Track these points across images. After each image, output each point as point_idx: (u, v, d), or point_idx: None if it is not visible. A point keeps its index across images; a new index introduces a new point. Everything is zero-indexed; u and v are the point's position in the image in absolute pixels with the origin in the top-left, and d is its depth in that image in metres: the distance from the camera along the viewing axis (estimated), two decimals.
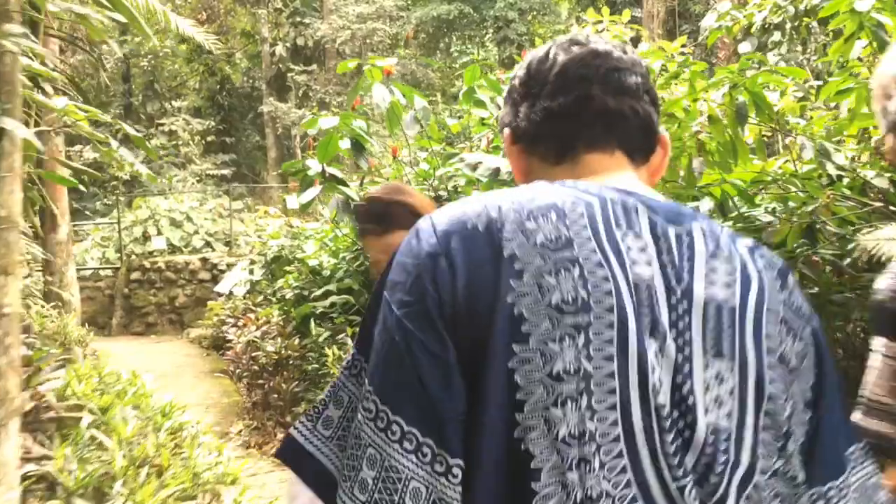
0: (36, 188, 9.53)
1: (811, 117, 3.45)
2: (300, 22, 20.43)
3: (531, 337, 0.72)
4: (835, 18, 2.85)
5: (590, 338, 0.72)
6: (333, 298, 5.64)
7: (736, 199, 2.97)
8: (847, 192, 2.84)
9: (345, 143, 5.29)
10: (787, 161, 3.32)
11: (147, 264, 12.65)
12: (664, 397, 0.73)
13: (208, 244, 14.47)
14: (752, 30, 7.53)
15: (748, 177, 3.11)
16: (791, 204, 2.88)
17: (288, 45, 20.34)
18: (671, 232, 0.81)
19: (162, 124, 20.97)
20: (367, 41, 19.33)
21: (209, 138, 21.34)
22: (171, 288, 12.54)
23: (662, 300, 0.77)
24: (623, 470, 0.70)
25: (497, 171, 4.92)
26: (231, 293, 10.02)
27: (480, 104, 6.76)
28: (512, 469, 0.70)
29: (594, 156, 0.89)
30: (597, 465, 0.70)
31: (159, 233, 14.58)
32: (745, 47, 7.62)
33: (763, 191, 3.15)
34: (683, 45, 7.88)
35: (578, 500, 0.69)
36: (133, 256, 13.20)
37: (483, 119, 7.26)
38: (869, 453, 0.86)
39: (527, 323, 0.72)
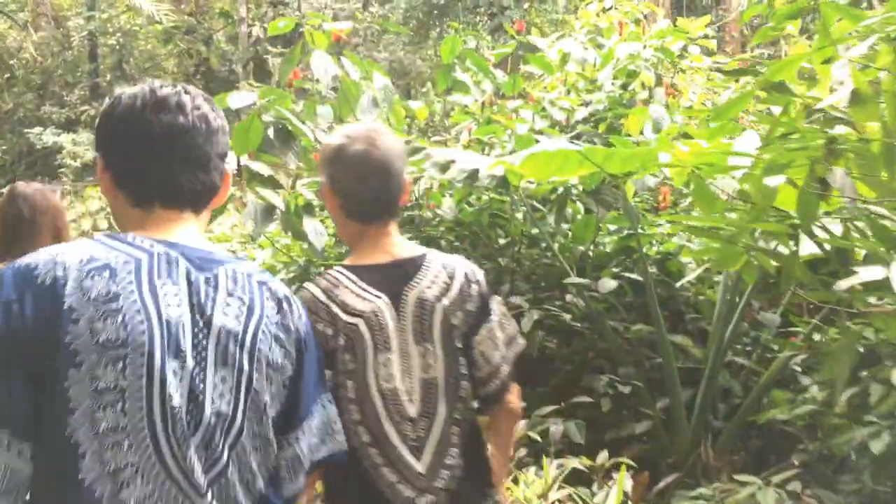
0: None
1: None
2: (280, 2, 19.02)
3: (83, 365, 1.05)
4: None
5: (126, 364, 1.07)
6: None
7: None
8: None
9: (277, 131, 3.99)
10: None
11: None
12: (179, 399, 1.10)
13: None
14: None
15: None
16: None
17: (266, 25, 18.93)
18: (201, 277, 1.17)
19: None
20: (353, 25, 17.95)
21: None
22: None
23: (188, 330, 1.13)
24: (146, 448, 1.07)
25: (475, 173, 3.64)
26: None
27: (462, 87, 5.47)
28: (68, 452, 1.04)
29: (165, 212, 1.22)
30: (126, 446, 1.06)
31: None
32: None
33: None
34: (708, 25, 6.58)
35: (112, 470, 1.05)
36: None
37: (465, 106, 5.96)
38: (331, 402, 1.39)
39: (80, 355, 1.05)
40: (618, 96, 5.20)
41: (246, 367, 1.16)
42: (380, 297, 1.55)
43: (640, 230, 3.59)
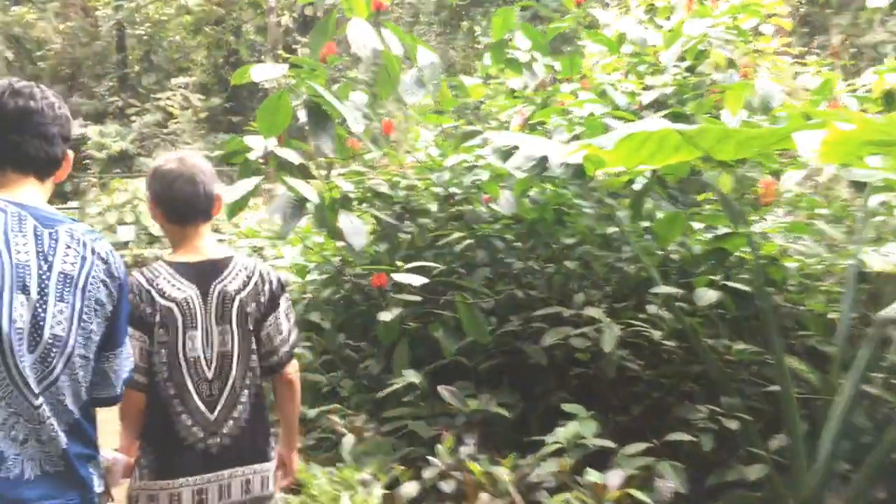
0: None
1: None
2: None
3: None
4: None
5: None
6: None
7: None
8: None
9: (305, 112, 3.44)
10: None
11: None
12: (22, 323, 1.43)
13: None
14: None
15: None
16: None
17: (295, 15, 18.49)
18: (45, 232, 1.50)
19: (158, 99, 19.18)
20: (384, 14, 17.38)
21: (213, 114, 19.56)
22: None
23: (34, 272, 1.46)
24: None
25: (544, 161, 3.07)
26: None
27: (514, 66, 4.90)
28: None
29: (15, 175, 1.55)
30: None
31: (137, 220, 12.84)
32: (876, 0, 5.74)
33: None
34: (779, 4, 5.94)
35: None
36: None
37: (514, 91, 5.39)
38: (130, 337, 1.74)
39: None
40: (683, 79, 4.60)
41: (78, 302, 1.51)
42: (191, 288, 2.01)
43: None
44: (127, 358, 1.68)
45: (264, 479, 2.06)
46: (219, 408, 2.00)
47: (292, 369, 2.14)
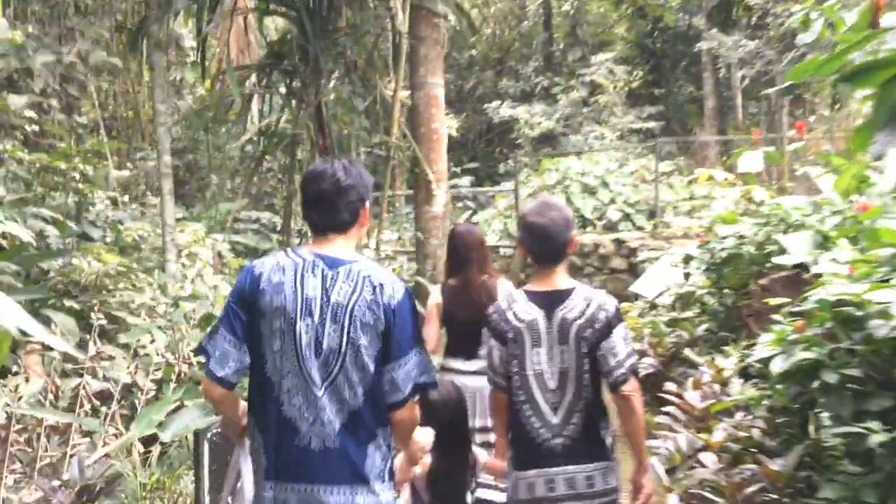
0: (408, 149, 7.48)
1: None
2: None
3: (266, 318, 2.15)
4: None
5: (285, 318, 2.13)
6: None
7: None
8: None
9: None
10: None
11: None
12: (307, 339, 2.12)
13: (627, 217, 11.28)
14: None
15: None
16: None
17: None
18: (329, 273, 2.16)
19: (582, 75, 18.29)
20: None
21: (635, 88, 18.14)
22: (576, 276, 9.64)
23: (317, 303, 2.13)
24: (294, 361, 2.13)
25: None
26: (654, 303, 6.76)
27: None
28: (260, 360, 2.18)
29: (319, 237, 2.26)
30: (285, 359, 2.14)
31: (568, 200, 11.85)
32: None
33: None
34: None
35: (280, 370, 2.14)
36: None
37: None
38: (424, 352, 2.26)
39: (265, 312, 2.15)
40: None
41: (347, 323, 2.12)
42: (539, 313, 2.61)
43: None
44: (415, 369, 2.18)
45: (603, 475, 2.56)
46: (560, 413, 2.57)
47: (629, 388, 2.56)
